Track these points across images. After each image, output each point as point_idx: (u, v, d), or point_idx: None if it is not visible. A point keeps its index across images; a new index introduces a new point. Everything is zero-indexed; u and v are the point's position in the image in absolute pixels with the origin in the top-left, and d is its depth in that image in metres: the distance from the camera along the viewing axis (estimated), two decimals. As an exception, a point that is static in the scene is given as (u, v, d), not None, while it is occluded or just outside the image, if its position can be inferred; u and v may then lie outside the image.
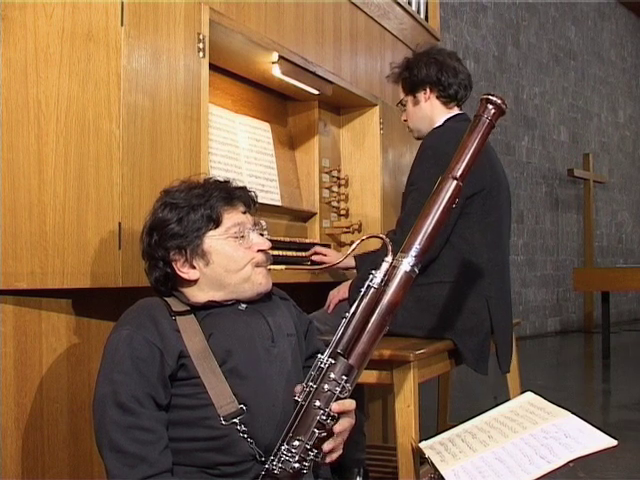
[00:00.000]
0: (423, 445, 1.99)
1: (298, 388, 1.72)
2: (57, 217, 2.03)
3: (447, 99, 2.85)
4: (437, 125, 2.83)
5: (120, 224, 1.99)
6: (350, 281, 2.77)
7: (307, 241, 3.19)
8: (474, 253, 2.62)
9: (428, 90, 2.86)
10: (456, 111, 2.89)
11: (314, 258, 2.98)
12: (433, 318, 2.58)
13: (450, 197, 1.81)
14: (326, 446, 1.69)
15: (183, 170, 2.18)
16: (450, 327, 2.58)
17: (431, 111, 2.88)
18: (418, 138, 2.98)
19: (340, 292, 2.81)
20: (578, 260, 11.15)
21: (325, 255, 2.99)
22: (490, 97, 1.89)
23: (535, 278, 10.09)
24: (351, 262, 2.82)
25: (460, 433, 1.96)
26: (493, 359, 2.70)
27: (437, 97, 2.86)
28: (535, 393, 2.02)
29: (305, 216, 3.36)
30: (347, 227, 3.48)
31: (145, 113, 2.07)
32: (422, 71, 2.85)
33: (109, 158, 2.00)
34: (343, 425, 1.71)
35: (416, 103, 2.90)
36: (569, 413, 1.81)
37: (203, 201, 1.80)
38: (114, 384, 1.66)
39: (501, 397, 2.67)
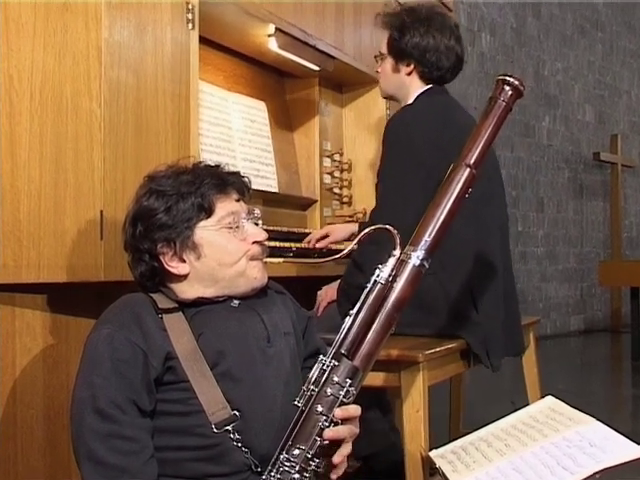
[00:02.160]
0: (433, 454, 1.99)
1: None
2: (32, 204, 2.03)
3: (429, 80, 2.80)
4: (408, 102, 2.78)
5: (102, 212, 1.99)
6: (337, 282, 2.77)
7: (307, 231, 3.19)
8: (457, 242, 2.55)
9: (412, 65, 2.79)
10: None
11: (318, 245, 2.98)
12: (420, 313, 2.58)
13: (463, 186, 1.82)
14: (336, 458, 1.69)
15: (171, 153, 2.18)
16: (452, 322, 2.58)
17: (408, 84, 2.82)
18: (385, 98, 3.01)
19: (328, 294, 2.82)
20: (604, 252, 11.15)
21: (327, 235, 2.99)
22: (507, 78, 1.89)
23: (557, 272, 10.10)
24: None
25: (474, 441, 1.96)
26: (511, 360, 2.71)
27: (420, 76, 2.80)
28: (557, 398, 2.02)
29: (304, 204, 3.37)
30: (350, 216, 3.48)
31: (129, 90, 2.07)
32: (413, 41, 2.76)
33: (89, 139, 2.00)
34: (345, 432, 1.70)
35: (395, 70, 2.84)
36: (594, 420, 1.81)
37: (193, 189, 1.80)
38: (93, 388, 1.66)
39: (519, 402, 2.67)
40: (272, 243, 2.68)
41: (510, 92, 1.89)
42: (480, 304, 2.61)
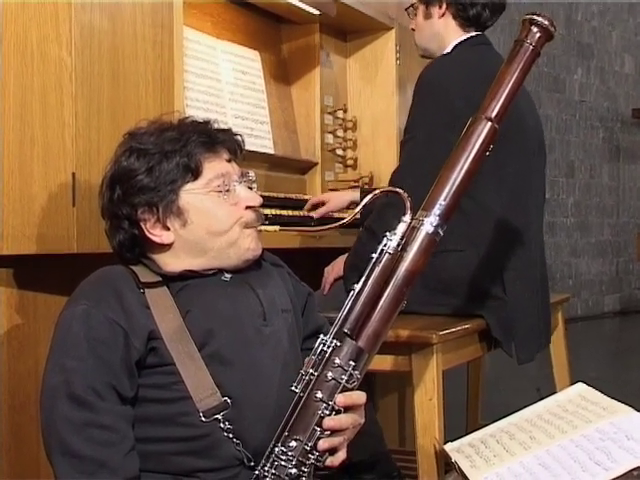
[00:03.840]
0: (449, 448, 2.00)
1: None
2: (-6, 166, 2.03)
3: (465, 21, 2.81)
4: (445, 52, 2.80)
5: (74, 175, 1.99)
6: (345, 255, 2.78)
7: (306, 197, 3.19)
8: (485, 214, 2.62)
9: (444, 6, 2.82)
10: (472, 34, 2.84)
11: (315, 214, 2.98)
12: (437, 293, 2.59)
13: (483, 142, 1.81)
14: (321, 444, 1.69)
15: (152, 108, 2.18)
16: (469, 303, 2.60)
17: (444, 31, 2.84)
18: (423, 56, 2.98)
19: (334, 269, 2.83)
20: (643, 223, 11.15)
21: (324, 202, 3.00)
22: (535, 18, 1.88)
23: (589, 245, 10.11)
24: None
25: (495, 433, 1.97)
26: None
27: (453, 17, 2.81)
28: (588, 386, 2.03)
29: (303, 167, 3.37)
30: (355, 180, 3.48)
31: (103, 36, 2.07)
32: None
33: (59, 92, 2.00)
34: (348, 421, 1.71)
35: (428, 16, 2.87)
36: (631, 409, 1.82)
37: (178, 147, 1.80)
38: (66, 372, 1.67)
39: (545, 390, 2.69)
40: (267, 211, 2.69)
41: (538, 34, 1.87)
42: (510, 287, 2.63)
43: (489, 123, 1.83)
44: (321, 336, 1.71)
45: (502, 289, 2.62)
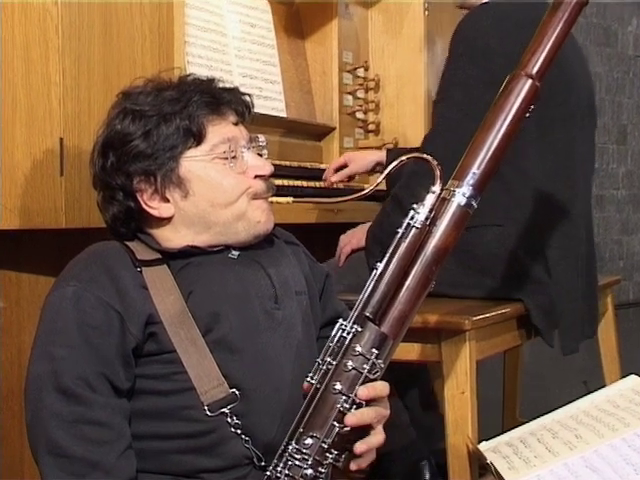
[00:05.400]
0: (484, 447, 2.01)
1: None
2: (-29, 131, 2.04)
3: None
4: (483, 1, 2.77)
5: (62, 140, 2.00)
6: (367, 224, 2.79)
7: (322, 166, 3.20)
8: (527, 185, 2.62)
9: None
10: None
11: (335, 178, 2.99)
12: (471, 273, 2.60)
13: (522, 102, 1.81)
14: (359, 447, 1.70)
15: (149, 65, 2.19)
16: (508, 285, 2.60)
17: None
18: (461, 7, 2.96)
19: (354, 238, 2.83)
20: None
21: (346, 165, 3.01)
22: (582, -39, 1.88)
23: (643, 221, 10.07)
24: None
25: (535, 431, 1.98)
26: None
27: None
28: (642, 378, 2.04)
29: (319, 132, 3.37)
30: (378, 147, 3.48)
31: (94, -16, 2.07)
32: None
33: (44, 47, 2.00)
34: (369, 415, 1.71)
35: None
36: (692, 406, 1.83)
37: (178, 108, 1.80)
38: (54, 362, 1.68)
39: (593, 383, 2.70)
40: (278, 181, 2.69)
41: (586, -22, 1.88)
42: (553, 268, 2.63)
43: (529, 80, 1.82)
44: (340, 321, 1.71)
45: (544, 270, 2.62)
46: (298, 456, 1.67)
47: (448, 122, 2.62)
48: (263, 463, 1.74)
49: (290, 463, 1.67)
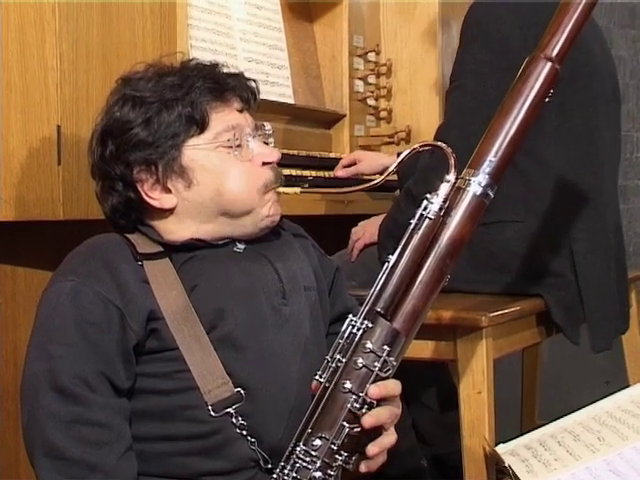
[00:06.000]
0: (501, 450, 2.01)
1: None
2: (-37, 117, 2.05)
3: None
4: None
5: (59, 128, 2.00)
6: (380, 216, 2.79)
7: (331, 155, 3.20)
8: (548, 176, 2.61)
9: None
10: None
11: (341, 173, 2.99)
12: (488, 271, 2.60)
13: (542, 86, 1.80)
14: (371, 449, 1.70)
15: (150, 49, 2.19)
16: (529, 280, 2.60)
17: None
18: None
19: (367, 232, 2.83)
20: None
21: (357, 161, 3.01)
22: None
23: (670, 214, 10.05)
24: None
25: (556, 433, 1.98)
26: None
27: None
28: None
29: (329, 119, 3.37)
30: (390, 135, 3.49)
31: (92, -37, 2.07)
32: None
33: (40, 29, 2.00)
34: (383, 416, 1.71)
35: None
36: None
37: (181, 94, 1.80)
38: (51, 360, 1.68)
39: (616, 384, 2.69)
40: (286, 171, 2.68)
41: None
42: (580, 261, 2.62)
43: (549, 63, 1.81)
44: (350, 316, 1.71)
45: (569, 264, 2.61)
46: (306, 458, 1.66)
47: (462, 111, 2.61)
48: (270, 465, 1.74)
49: (298, 465, 1.67)
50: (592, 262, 2.64)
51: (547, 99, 1.82)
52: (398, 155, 3.03)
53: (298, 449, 1.67)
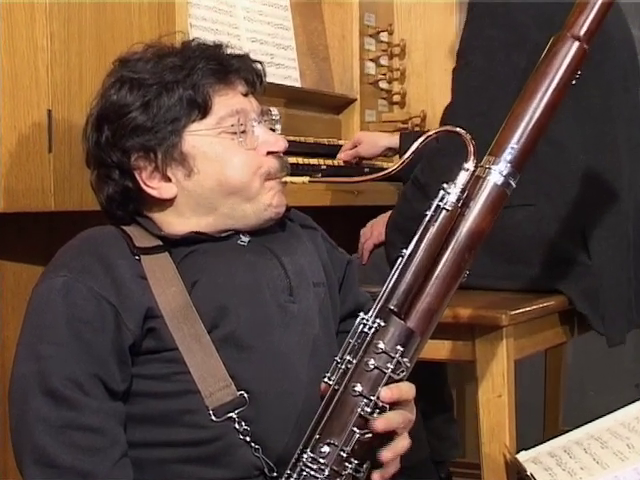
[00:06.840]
0: (523, 458, 2.02)
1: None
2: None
3: None
4: None
5: (50, 112, 2.00)
6: (388, 213, 2.79)
7: (341, 143, 3.19)
8: (561, 157, 2.60)
9: None
10: None
11: (342, 157, 2.99)
12: (500, 261, 2.59)
13: (569, 67, 1.80)
14: (385, 454, 1.70)
15: (148, 29, 2.18)
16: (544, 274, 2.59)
17: None
18: None
19: (374, 232, 2.84)
20: None
21: (356, 144, 3.02)
22: None
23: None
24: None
25: (581, 440, 1.98)
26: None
27: None
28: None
29: (338, 104, 3.37)
30: (404, 121, 3.49)
31: None
32: None
33: (29, 7, 2.01)
34: (396, 420, 1.71)
35: None
36: None
37: (181, 76, 1.80)
38: (41, 361, 1.68)
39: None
40: (293, 159, 2.68)
41: None
42: (595, 249, 2.61)
43: (577, 43, 1.81)
44: (361, 314, 1.71)
45: (586, 252, 2.61)
46: (314, 466, 1.66)
47: (469, 91, 2.62)
48: (275, 474, 1.74)
49: (305, 473, 1.67)
50: (606, 250, 2.63)
51: (574, 82, 1.82)
52: (400, 135, 3.06)
53: (305, 456, 1.67)
